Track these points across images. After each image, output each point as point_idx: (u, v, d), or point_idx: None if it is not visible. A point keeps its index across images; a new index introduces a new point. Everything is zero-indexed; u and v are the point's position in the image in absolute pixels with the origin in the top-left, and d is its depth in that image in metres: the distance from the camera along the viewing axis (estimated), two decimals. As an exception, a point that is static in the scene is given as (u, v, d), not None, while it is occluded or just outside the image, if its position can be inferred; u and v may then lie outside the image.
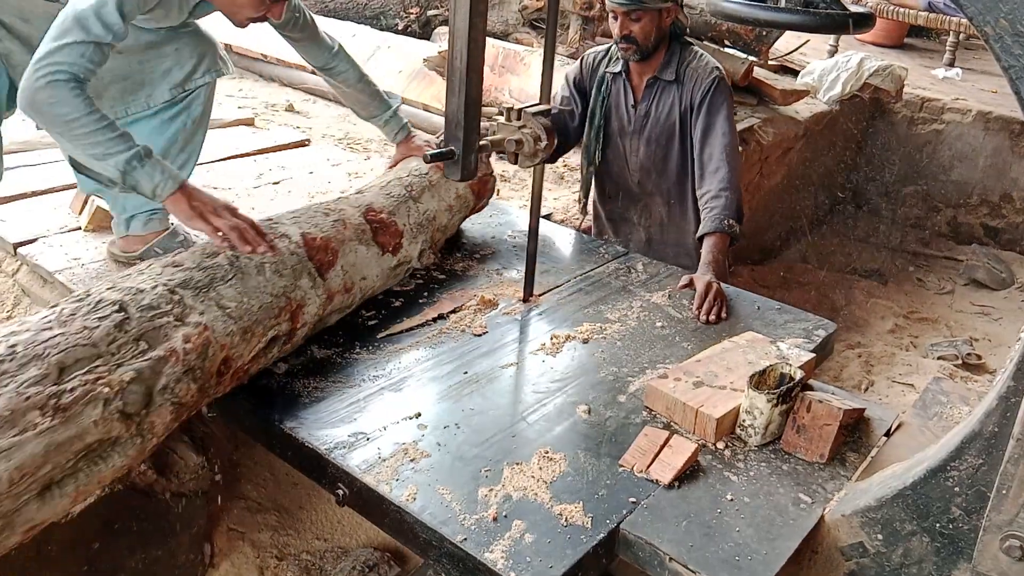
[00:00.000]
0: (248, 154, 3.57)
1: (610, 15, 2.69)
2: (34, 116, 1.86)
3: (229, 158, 3.49)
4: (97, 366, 1.45)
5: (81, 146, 1.86)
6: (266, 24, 2.33)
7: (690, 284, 2.43)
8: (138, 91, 2.27)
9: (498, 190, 3.18)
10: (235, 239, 1.85)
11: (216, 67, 2.40)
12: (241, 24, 2.16)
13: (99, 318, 1.52)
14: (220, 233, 1.87)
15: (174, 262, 1.78)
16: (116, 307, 1.56)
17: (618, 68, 2.82)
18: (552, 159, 3.09)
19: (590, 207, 3.18)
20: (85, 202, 2.70)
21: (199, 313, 1.66)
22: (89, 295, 1.60)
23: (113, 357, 1.49)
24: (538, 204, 2.30)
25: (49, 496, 1.38)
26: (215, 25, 2.37)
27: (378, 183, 2.49)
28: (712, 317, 2.29)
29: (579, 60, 2.97)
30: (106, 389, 1.43)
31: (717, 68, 2.71)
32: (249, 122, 4.05)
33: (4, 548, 1.35)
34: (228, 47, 4.89)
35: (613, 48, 2.82)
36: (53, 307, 1.57)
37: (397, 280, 2.36)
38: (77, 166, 2.31)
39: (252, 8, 2.10)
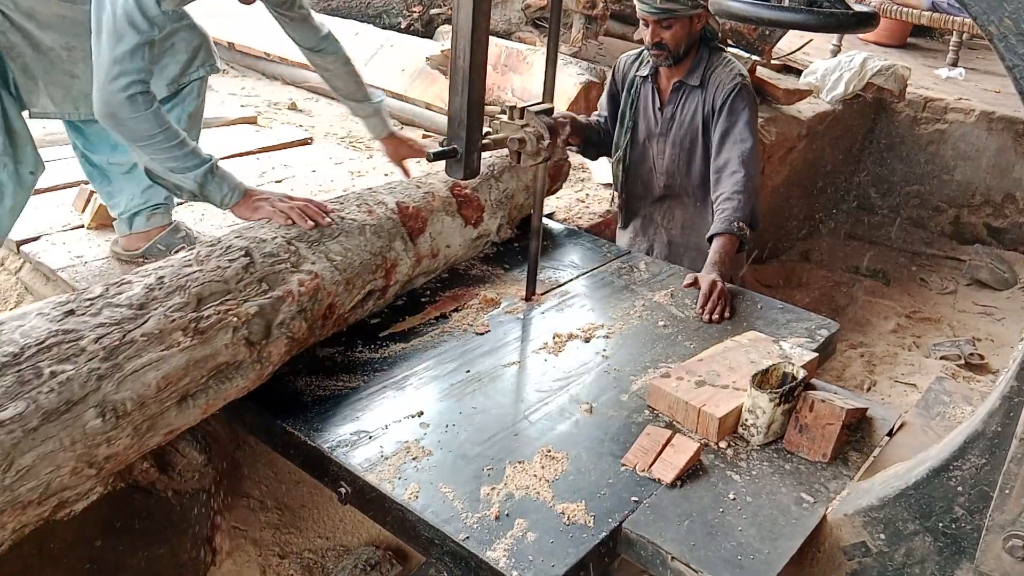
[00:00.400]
0: (251, 152, 3.57)
1: (641, 22, 2.69)
2: (115, 129, 1.96)
3: (232, 156, 3.49)
4: (228, 299, 1.70)
5: (160, 160, 1.99)
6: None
7: (695, 283, 2.43)
8: None
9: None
10: (296, 217, 1.99)
11: (210, 60, 2.40)
12: (247, 1, 2.17)
13: (230, 260, 1.78)
14: (282, 214, 2.01)
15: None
16: (243, 252, 1.81)
17: (646, 72, 2.83)
18: (607, 156, 3.10)
19: (615, 205, 3.20)
20: (88, 200, 2.70)
21: (311, 263, 1.91)
22: (220, 241, 1.86)
23: (240, 293, 1.74)
24: (541, 203, 2.30)
25: (185, 406, 1.61)
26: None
27: None
28: (715, 316, 2.28)
29: (612, 67, 3.00)
30: (235, 319, 1.68)
31: (741, 75, 2.69)
32: (252, 120, 4.05)
33: (147, 447, 1.57)
34: (231, 45, 4.90)
35: (645, 52, 2.83)
36: (191, 249, 1.83)
37: (477, 251, 2.53)
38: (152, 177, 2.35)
39: None
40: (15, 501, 1.32)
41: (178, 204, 2.66)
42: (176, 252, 1.87)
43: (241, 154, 3.52)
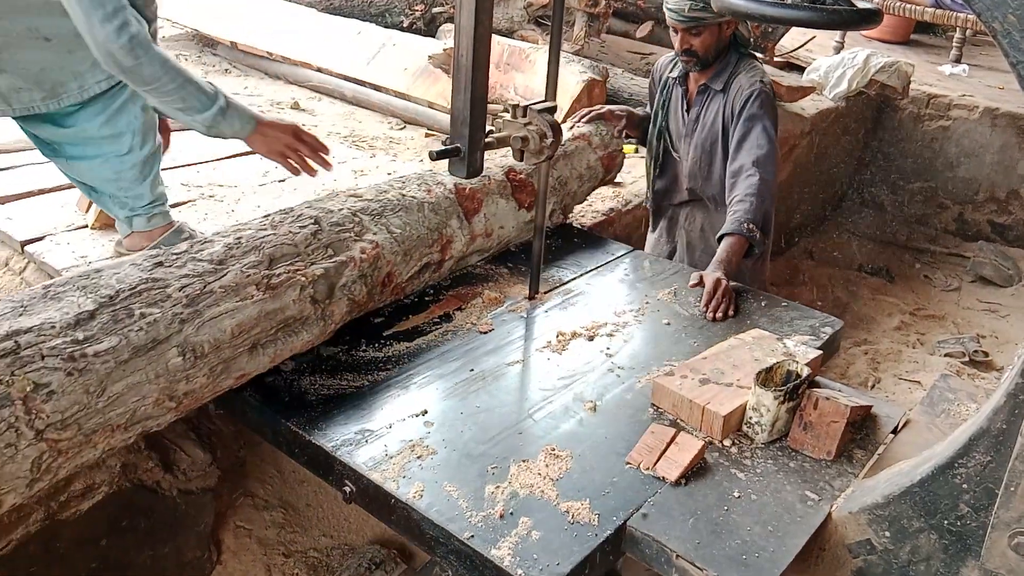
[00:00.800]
0: (254, 152, 3.56)
1: (670, 29, 2.70)
2: (124, 76, 2.02)
3: (234, 156, 3.50)
4: (297, 261, 1.87)
5: (168, 102, 2.06)
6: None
7: (700, 282, 2.43)
8: (70, 83, 2.19)
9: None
10: (301, 166, 2.29)
11: None
12: None
13: (300, 226, 1.94)
14: (290, 163, 2.27)
15: (354, 193, 2.17)
16: (312, 220, 1.97)
17: (677, 73, 2.85)
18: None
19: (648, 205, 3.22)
20: (91, 200, 2.71)
21: (373, 233, 2.05)
22: (292, 210, 2.03)
23: (308, 257, 1.90)
24: (543, 201, 2.30)
25: (255, 354, 1.77)
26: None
27: None
28: (719, 314, 2.28)
29: (651, 69, 3.04)
30: (303, 279, 1.84)
31: (762, 81, 2.69)
32: (255, 120, 4.05)
33: (220, 389, 1.72)
34: (234, 45, 4.89)
35: None
36: (266, 216, 1.99)
37: (530, 235, 2.57)
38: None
39: None
40: (106, 424, 1.49)
41: (172, 205, 2.64)
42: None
43: (243, 154, 3.52)
